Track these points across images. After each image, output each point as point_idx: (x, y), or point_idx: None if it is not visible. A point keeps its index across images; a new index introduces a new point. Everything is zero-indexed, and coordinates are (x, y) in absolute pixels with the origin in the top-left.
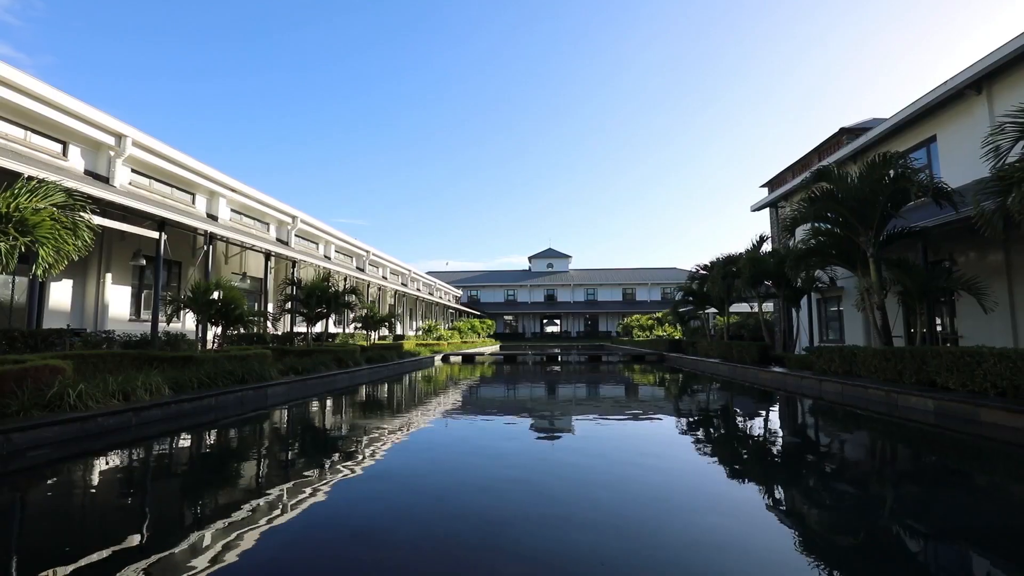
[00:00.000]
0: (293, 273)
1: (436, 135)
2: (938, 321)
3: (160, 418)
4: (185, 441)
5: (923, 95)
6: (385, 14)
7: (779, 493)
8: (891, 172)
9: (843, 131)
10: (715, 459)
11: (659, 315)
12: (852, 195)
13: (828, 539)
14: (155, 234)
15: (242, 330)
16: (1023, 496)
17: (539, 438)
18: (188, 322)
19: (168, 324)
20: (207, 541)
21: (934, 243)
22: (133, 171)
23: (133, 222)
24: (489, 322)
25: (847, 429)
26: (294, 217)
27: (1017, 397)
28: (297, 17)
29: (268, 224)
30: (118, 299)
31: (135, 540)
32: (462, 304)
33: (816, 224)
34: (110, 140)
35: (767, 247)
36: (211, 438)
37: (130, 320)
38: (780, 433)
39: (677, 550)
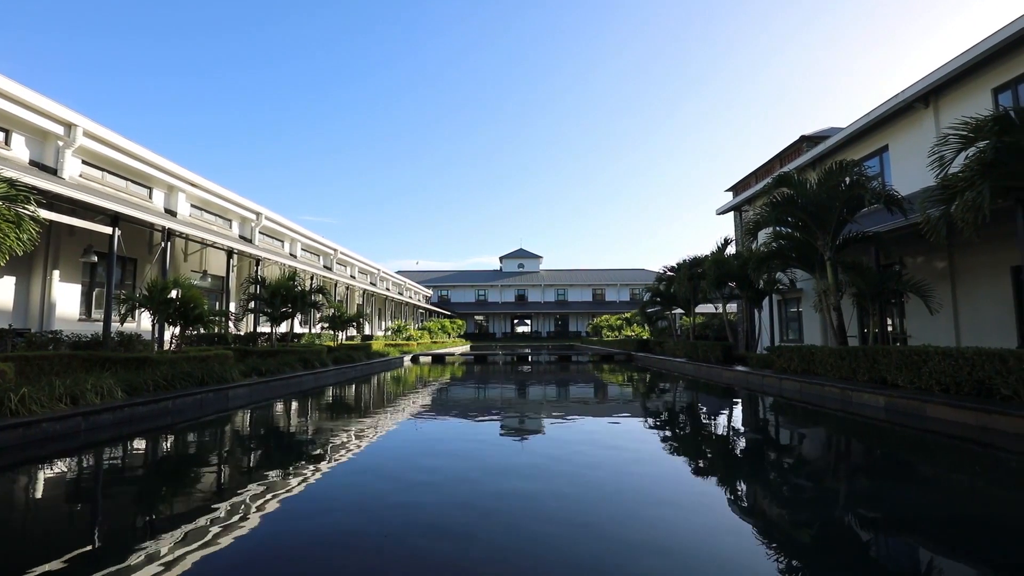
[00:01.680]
0: (257, 271)
1: (407, 134)
2: (889, 321)
3: (112, 422)
4: (139, 446)
5: (876, 107)
6: (354, 12)
7: (741, 486)
8: (847, 179)
9: (803, 139)
10: (679, 455)
11: (628, 315)
12: (811, 200)
13: (785, 528)
14: (108, 229)
15: (202, 330)
16: (964, 486)
17: (508, 438)
18: (144, 322)
19: (122, 324)
20: (161, 552)
21: (886, 247)
22: (84, 163)
23: (84, 216)
24: (460, 322)
25: (805, 425)
26: (258, 214)
27: (959, 393)
28: (263, 12)
29: (230, 221)
30: (67, 297)
31: (83, 552)
32: (432, 304)
33: (777, 228)
34: (58, 129)
35: (731, 249)
36: (167, 443)
37: (80, 320)
38: (742, 430)
39: (639, 542)
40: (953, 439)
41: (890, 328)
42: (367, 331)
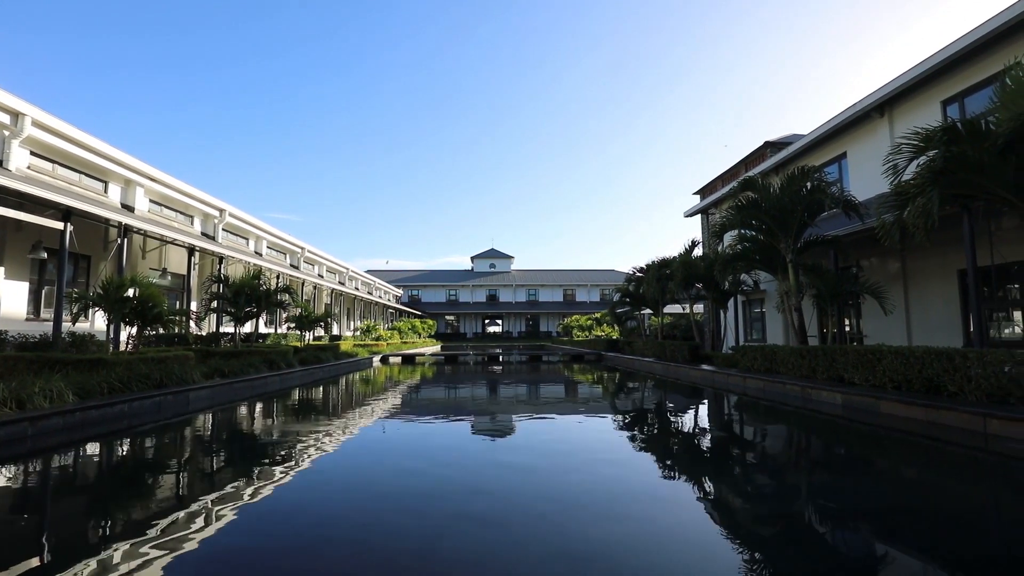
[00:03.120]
0: (220, 270)
1: (376, 132)
2: (847, 322)
3: (62, 427)
4: (91, 452)
5: (835, 115)
6: (324, 10)
7: (706, 482)
8: (808, 185)
9: (767, 144)
10: (646, 452)
11: (598, 315)
12: (774, 205)
13: (747, 520)
14: (59, 224)
15: (161, 330)
16: (911, 478)
17: (479, 439)
18: (98, 322)
19: (74, 324)
20: (110, 567)
21: (844, 250)
22: (33, 154)
23: (33, 210)
24: (430, 322)
25: (768, 423)
26: (221, 210)
27: (910, 390)
28: (229, 12)
29: (192, 217)
30: (13, 296)
31: (29, 569)
32: (403, 304)
33: (742, 231)
34: (4, 118)
35: (698, 251)
36: (122, 448)
37: (28, 319)
38: (708, 427)
39: (603, 534)
40: (904, 434)
41: (848, 328)
42: (335, 331)
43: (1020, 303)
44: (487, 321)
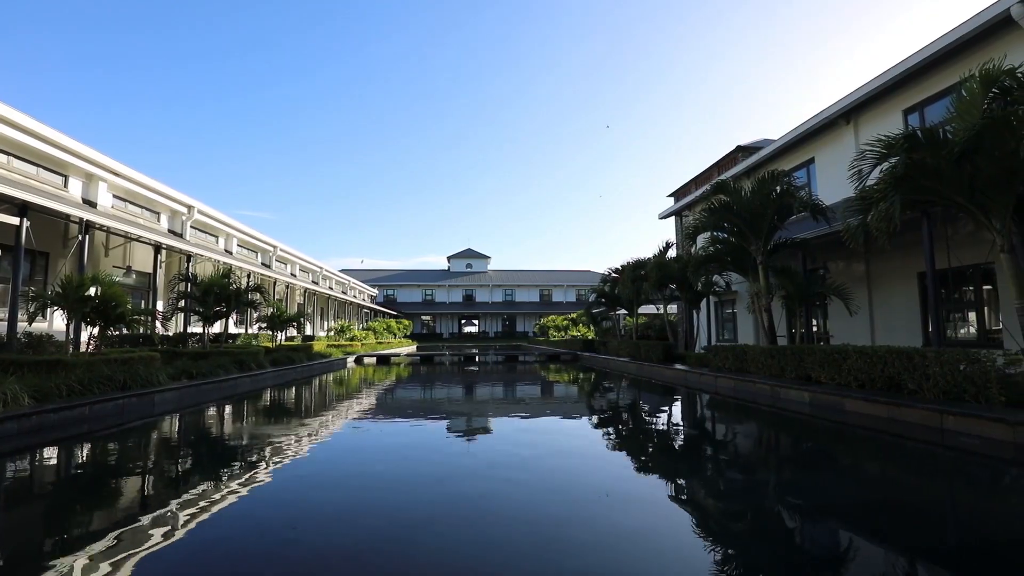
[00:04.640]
0: (188, 268)
1: (353, 131)
2: (814, 322)
3: (16, 432)
4: (49, 458)
5: (804, 121)
6: (300, 8)
7: (677, 479)
8: (778, 188)
9: (739, 148)
10: (619, 449)
11: (574, 316)
12: (745, 207)
13: (718, 516)
14: (14, 219)
15: (125, 331)
16: (874, 473)
17: (457, 439)
18: (57, 322)
19: (30, 324)
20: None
21: (812, 253)
22: None
23: None
24: (406, 322)
25: (738, 421)
26: (190, 207)
27: (873, 388)
28: (204, 8)
29: (159, 214)
30: None
31: None
32: (378, 304)
33: (715, 233)
34: None
35: (672, 253)
36: (82, 453)
37: None
38: (681, 425)
39: (585, 533)
40: (868, 431)
41: (815, 328)
42: (308, 331)
43: (975, 304)
44: (464, 321)
